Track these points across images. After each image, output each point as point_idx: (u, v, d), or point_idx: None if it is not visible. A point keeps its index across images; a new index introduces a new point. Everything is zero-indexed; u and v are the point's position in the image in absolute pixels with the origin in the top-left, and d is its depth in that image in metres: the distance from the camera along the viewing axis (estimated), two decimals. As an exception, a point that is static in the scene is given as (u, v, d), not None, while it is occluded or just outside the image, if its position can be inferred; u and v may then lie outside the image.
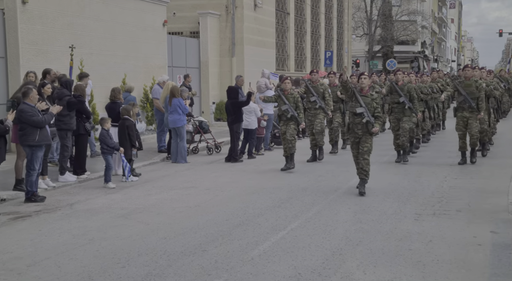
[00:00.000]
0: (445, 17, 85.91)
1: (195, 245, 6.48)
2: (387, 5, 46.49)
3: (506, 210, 7.96)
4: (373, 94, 9.22)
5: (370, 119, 9.00)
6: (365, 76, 9.38)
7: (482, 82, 11.93)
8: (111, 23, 15.96)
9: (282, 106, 11.42)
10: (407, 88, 12.33)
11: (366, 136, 9.11)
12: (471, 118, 11.66)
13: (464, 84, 11.73)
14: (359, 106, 9.06)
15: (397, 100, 12.33)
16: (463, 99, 11.62)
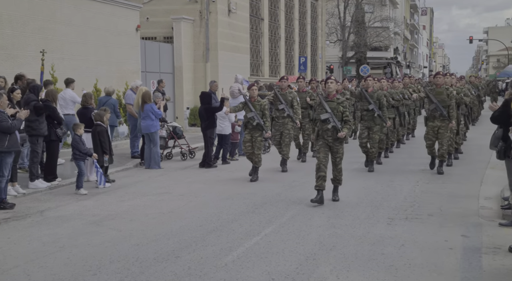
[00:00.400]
0: (417, 23, 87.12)
1: (168, 251, 6.42)
2: (360, 11, 46.93)
3: (477, 214, 8.07)
4: (339, 98, 8.94)
5: (337, 124, 8.70)
6: (332, 80, 9.02)
7: (453, 90, 11.67)
8: (83, 27, 15.81)
9: (248, 114, 11.02)
10: (376, 95, 12.00)
11: (337, 145, 8.81)
12: (442, 128, 11.34)
13: (435, 91, 11.41)
14: (324, 112, 8.77)
15: (366, 108, 11.98)
16: (435, 107, 11.30)
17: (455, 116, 11.48)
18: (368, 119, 11.96)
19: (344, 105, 8.82)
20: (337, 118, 8.74)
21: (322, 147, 8.85)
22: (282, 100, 12.32)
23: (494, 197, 9.10)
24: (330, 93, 8.92)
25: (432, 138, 11.46)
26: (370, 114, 11.92)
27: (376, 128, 11.96)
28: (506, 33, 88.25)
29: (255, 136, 11.04)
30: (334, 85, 8.93)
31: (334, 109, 8.77)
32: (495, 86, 32.05)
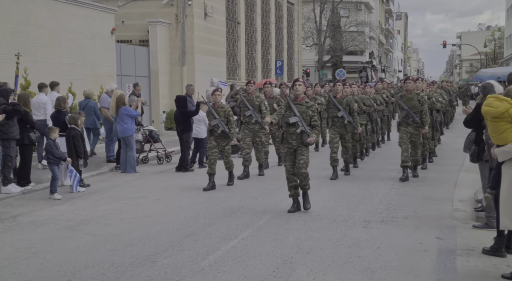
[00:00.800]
0: (392, 28, 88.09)
1: (144, 256, 6.37)
2: (336, 16, 47.26)
3: (451, 217, 8.16)
4: (308, 101, 8.58)
5: (305, 129, 8.32)
6: (300, 82, 8.60)
7: (424, 95, 11.32)
8: (57, 30, 15.64)
9: (212, 121, 10.49)
10: (346, 101, 11.55)
11: (301, 148, 8.38)
12: (415, 135, 11.07)
13: (406, 97, 11.08)
14: (293, 115, 8.38)
15: (336, 114, 11.53)
16: (406, 114, 10.96)
17: (428, 122, 11.15)
18: (340, 126, 11.58)
19: (313, 109, 8.49)
20: (305, 122, 8.38)
21: (288, 155, 8.48)
22: (249, 106, 11.70)
23: (468, 200, 9.22)
24: (298, 95, 8.53)
25: (407, 142, 11.03)
26: (341, 121, 11.52)
27: (348, 136, 11.66)
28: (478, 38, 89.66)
29: (221, 144, 10.62)
30: (302, 88, 8.56)
31: (303, 113, 8.40)
32: (466, 90, 32.54)
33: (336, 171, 11.43)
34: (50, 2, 15.43)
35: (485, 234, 6.96)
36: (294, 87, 8.56)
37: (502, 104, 5.38)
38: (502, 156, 5.47)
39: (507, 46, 58.42)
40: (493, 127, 5.53)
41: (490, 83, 7.12)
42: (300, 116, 8.36)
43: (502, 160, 5.51)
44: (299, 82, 8.58)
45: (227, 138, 10.61)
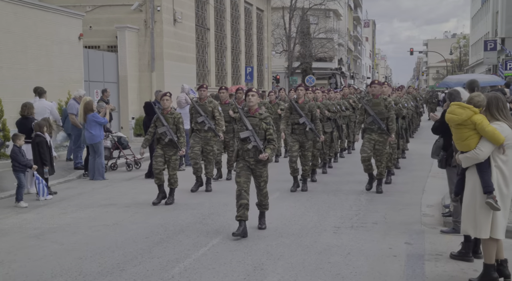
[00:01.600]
0: (360, 35, 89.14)
1: (112, 264, 6.29)
2: (305, 22, 47.58)
3: (419, 222, 8.26)
4: (262, 113, 7.75)
5: (258, 144, 7.52)
6: (253, 93, 7.75)
7: (391, 100, 10.67)
8: (22, 35, 15.38)
9: (159, 129, 9.68)
10: (308, 106, 10.75)
11: (260, 168, 7.67)
12: (380, 142, 10.34)
13: (372, 102, 10.42)
14: (245, 129, 7.60)
15: (297, 121, 10.67)
16: (372, 120, 10.31)
17: (395, 129, 10.47)
18: (300, 134, 10.72)
19: (267, 122, 7.66)
20: (259, 136, 7.59)
21: (243, 170, 7.64)
22: (201, 112, 10.89)
23: (436, 205, 9.34)
24: (251, 107, 7.71)
25: (368, 151, 10.31)
26: (302, 128, 10.68)
27: (308, 144, 10.77)
28: (444, 45, 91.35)
29: (168, 154, 9.73)
30: (255, 99, 7.73)
31: (256, 126, 7.61)
32: (432, 97, 32.82)
33: (297, 181, 10.72)
34: (16, 7, 15.17)
35: (453, 239, 7.06)
36: (247, 98, 7.77)
37: (465, 112, 5.49)
38: (465, 162, 5.57)
39: (472, 54, 59.62)
40: (456, 134, 5.64)
41: (457, 89, 7.24)
42: (253, 130, 7.58)
43: (465, 166, 5.61)
44: (252, 92, 7.76)
45: (175, 148, 9.70)
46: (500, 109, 5.49)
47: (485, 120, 5.45)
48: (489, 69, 42.77)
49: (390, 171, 11.74)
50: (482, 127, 5.39)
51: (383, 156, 10.44)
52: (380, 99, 10.42)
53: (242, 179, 7.59)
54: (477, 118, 5.45)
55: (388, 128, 10.31)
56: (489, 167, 5.43)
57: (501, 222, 5.46)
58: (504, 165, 5.43)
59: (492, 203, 5.32)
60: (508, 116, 5.53)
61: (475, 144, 5.46)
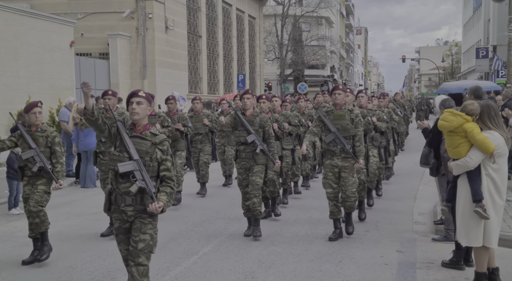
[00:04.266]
0: (352, 42, 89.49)
1: (103, 273, 6.25)
2: (297, 30, 47.73)
3: (411, 230, 8.26)
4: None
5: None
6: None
7: (359, 113, 7.85)
8: (13, 43, 15.33)
9: (24, 153, 7.18)
10: (259, 119, 7.94)
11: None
12: (345, 169, 7.64)
13: (333, 115, 7.69)
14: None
15: (244, 139, 7.87)
16: (333, 138, 7.62)
17: (363, 152, 7.74)
18: (247, 157, 7.88)
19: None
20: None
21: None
22: None
23: (427, 213, 9.35)
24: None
25: (334, 185, 7.71)
26: (250, 149, 7.86)
27: (257, 169, 7.83)
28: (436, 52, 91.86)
29: (35, 183, 8.40)
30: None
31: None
32: (421, 104, 32.36)
33: (251, 222, 8.04)
34: (6, 14, 15.13)
35: (444, 247, 7.06)
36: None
37: (456, 119, 5.51)
38: (456, 170, 5.59)
39: (464, 61, 59.96)
40: (448, 141, 5.66)
41: (450, 98, 7.26)
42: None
43: (456, 173, 5.63)
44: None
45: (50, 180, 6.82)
46: (492, 117, 5.51)
47: (477, 128, 5.47)
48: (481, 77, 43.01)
49: (370, 191, 10.01)
50: (473, 135, 5.41)
51: (349, 186, 7.66)
52: (344, 111, 7.68)
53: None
54: (468, 126, 5.46)
55: (355, 151, 7.63)
56: (479, 175, 5.45)
57: (494, 231, 5.45)
58: (495, 173, 5.44)
59: (480, 212, 5.33)
60: (500, 124, 5.54)
61: (465, 151, 5.47)
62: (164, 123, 9.34)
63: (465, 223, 5.52)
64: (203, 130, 11.37)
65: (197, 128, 11.23)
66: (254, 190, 7.75)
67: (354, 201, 7.78)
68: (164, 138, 4.85)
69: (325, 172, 7.77)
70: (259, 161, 7.85)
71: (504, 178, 5.50)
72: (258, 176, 7.81)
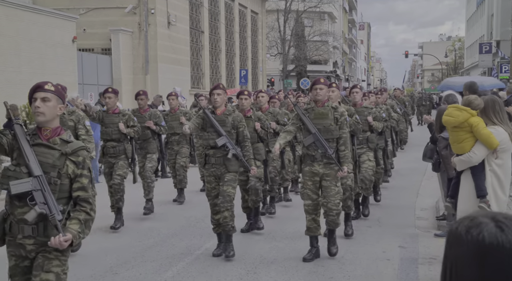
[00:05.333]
0: (355, 38, 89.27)
1: (105, 268, 6.25)
2: (299, 25, 47.64)
3: (413, 225, 8.25)
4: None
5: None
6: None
7: (344, 111, 6.66)
8: (15, 38, 15.33)
9: None
10: (232, 119, 6.79)
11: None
12: (327, 178, 6.45)
13: (314, 113, 6.51)
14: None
15: (213, 143, 6.65)
16: (313, 141, 6.44)
17: (349, 157, 6.57)
18: (217, 163, 6.69)
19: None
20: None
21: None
22: None
23: (430, 208, 9.34)
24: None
25: (313, 196, 6.54)
26: (220, 153, 6.67)
27: (228, 177, 6.64)
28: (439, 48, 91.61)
29: None
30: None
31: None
32: (422, 99, 31.90)
33: (221, 239, 6.92)
34: (8, 10, 15.13)
35: (446, 242, 7.03)
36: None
37: (462, 114, 5.49)
38: (460, 165, 5.57)
39: (467, 56, 59.83)
40: (453, 137, 5.64)
41: (453, 93, 7.24)
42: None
43: (460, 169, 5.61)
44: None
45: None
46: (496, 112, 5.49)
47: (482, 122, 5.45)
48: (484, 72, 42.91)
49: (366, 199, 8.87)
50: (478, 129, 5.39)
51: (331, 197, 6.44)
52: (327, 109, 6.53)
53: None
54: (474, 120, 5.45)
55: (339, 156, 6.46)
56: (483, 171, 5.43)
57: None
58: (499, 169, 5.42)
59: (484, 208, 5.31)
60: (505, 119, 5.51)
61: (470, 147, 5.46)
62: (129, 123, 8.24)
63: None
64: (180, 130, 9.77)
65: (173, 128, 9.96)
66: (225, 202, 6.57)
67: (337, 215, 6.58)
68: (79, 146, 3.72)
69: (304, 180, 6.56)
70: (231, 168, 6.69)
71: (507, 173, 5.48)
72: (230, 185, 6.64)
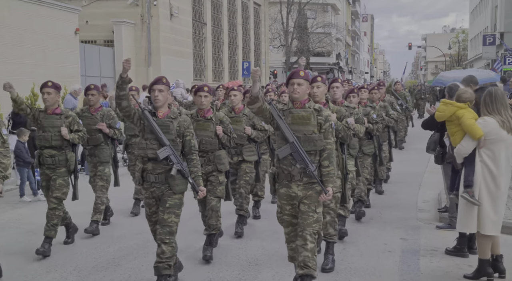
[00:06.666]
0: (358, 30, 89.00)
1: (108, 259, 6.29)
2: (302, 17, 47.51)
3: (415, 217, 8.26)
4: None
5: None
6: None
7: (328, 114, 5.03)
8: (18, 30, 15.32)
9: None
10: (178, 124, 5.40)
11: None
12: (306, 201, 4.95)
13: (292, 116, 4.96)
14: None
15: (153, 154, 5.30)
16: (291, 152, 4.89)
17: (334, 175, 5.02)
18: (158, 181, 5.33)
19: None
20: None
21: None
22: None
23: (432, 200, 9.34)
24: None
25: (294, 220, 5.14)
26: (161, 169, 5.31)
27: (171, 201, 5.33)
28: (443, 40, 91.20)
29: None
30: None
31: None
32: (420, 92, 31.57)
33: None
34: (11, 1, 15.11)
35: (448, 235, 7.05)
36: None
37: (447, 108, 5.71)
38: (457, 158, 5.65)
39: (471, 48, 59.58)
40: (448, 130, 5.85)
41: (457, 84, 7.23)
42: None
43: (458, 161, 5.67)
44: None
45: None
46: (487, 104, 5.50)
47: (468, 114, 5.59)
48: (487, 64, 42.76)
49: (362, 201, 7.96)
50: (462, 120, 5.55)
51: (308, 226, 4.88)
52: (309, 111, 4.94)
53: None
54: (460, 112, 5.61)
55: (322, 174, 4.92)
56: (473, 162, 5.46)
57: (489, 218, 5.41)
58: (490, 160, 5.42)
59: (466, 197, 5.38)
60: (499, 110, 5.45)
61: (460, 139, 5.59)
62: (73, 127, 6.87)
63: (460, 209, 5.59)
64: None
65: (133, 129, 8.37)
66: (164, 234, 5.23)
67: (311, 252, 4.85)
68: None
69: (280, 204, 5.12)
70: (176, 188, 5.26)
71: (500, 165, 5.42)
72: (173, 213, 5.24)
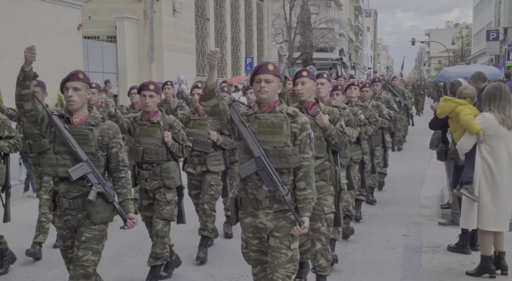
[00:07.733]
0: (362, 25, 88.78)
1: (110, 255, 6.27)
2: (305, 12, 47.39)
3: (417, 214, 8.24)
4: None
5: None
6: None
7: (306, 121, 3.85)
8: (21, 25, 15.32)
9: None
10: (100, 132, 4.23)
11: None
12: (276, 234, 3.83)
13: (258, 122, 3.80)
14: None
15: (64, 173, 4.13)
16: (256, 170, 3.75)
17: (311, 201, 3.83)
18: (73, 208, 4.17)
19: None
20: None
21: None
22: None
23: (434, 197, 9.32)
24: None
25: (262, 257, 4.01)
26: (77, 191, 4.14)
27: (88, 234, 4.17)
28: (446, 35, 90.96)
29: None
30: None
31: None
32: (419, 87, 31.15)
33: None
34: (14, -3, 15.14)
35: (450, 231, 7.03)
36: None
37: (446, 105, 5.76)
38: (459, 154, 5.67)
39: (475, 44, 59.45)
40: (450, 126, 5.88)
41: (459, 80, 7.20)
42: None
43: (461, 157, 5.69)
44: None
45: None
46: (495, 99, 5.47)
47: (466, 110, 5.60)
48: (491, 59, 42.64)
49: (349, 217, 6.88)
50: (460, 116, 5.57)
51: (281, 268, 3.80)
52: (280, 117, 3.83)
53: None
54: (459, 108, 5.65)
55: (297, 199, 3.84)
56: (473, 158, 5.45)
57: (489, 213, 5.39)
58: (490, 156, 5.41)
59: (464, 193, 5.40)
60: (506, 107, 5.42)
61: (461, 135, 5.62)
62: (3, 133, 5.62)
63: (463, 206, 5.59)
64: None
65: (42, 145, 6.55)
66: (75, 279, 4.10)
67: None
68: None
69: (245, 238, 4.03)
70: (97, 217, 4.16)
71: (502, 162, 5.39)
72: (90, 249, 4.13)
